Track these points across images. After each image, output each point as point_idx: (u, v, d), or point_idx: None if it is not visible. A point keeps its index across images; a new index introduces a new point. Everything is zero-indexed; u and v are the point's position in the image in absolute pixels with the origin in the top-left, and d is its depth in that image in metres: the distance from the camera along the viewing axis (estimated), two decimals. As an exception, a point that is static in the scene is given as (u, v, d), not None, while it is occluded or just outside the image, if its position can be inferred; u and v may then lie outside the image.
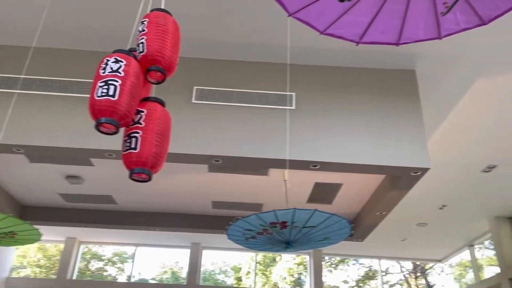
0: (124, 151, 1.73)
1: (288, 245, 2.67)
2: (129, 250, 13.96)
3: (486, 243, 10.48)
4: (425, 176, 5.94)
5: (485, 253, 11.34)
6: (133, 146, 1.71)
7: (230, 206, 7.14)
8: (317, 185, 6.30)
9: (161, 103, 1.88)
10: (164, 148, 1.79)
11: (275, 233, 2.58)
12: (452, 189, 7.47)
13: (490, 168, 6.70)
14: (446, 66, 4.78)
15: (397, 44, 2.16)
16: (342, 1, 1.93)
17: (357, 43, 2.20)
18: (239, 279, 16.42)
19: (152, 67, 1.85)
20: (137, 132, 1.74)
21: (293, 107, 4.80)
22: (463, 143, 6.16)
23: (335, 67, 5.00)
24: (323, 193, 6.51)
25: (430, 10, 1.94)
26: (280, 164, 4.44)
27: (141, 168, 1.69)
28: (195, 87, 4.88)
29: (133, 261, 10.96)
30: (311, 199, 6.72)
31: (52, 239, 10.34)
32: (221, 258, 19.12)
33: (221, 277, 19.30)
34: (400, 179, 4.94)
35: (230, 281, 18.46)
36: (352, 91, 4.88)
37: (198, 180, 6.46)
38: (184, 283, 10.16)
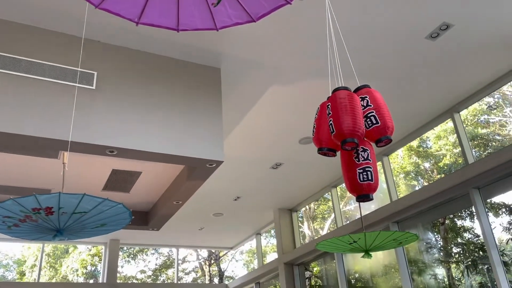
0: None
1: (57, 233, 2.44)
2: None
3: (272, 232, 11.85)
4: (222, 169, 6.35)
5: (270, 241, 12.81)
6: None
7: (8, 191, 6.23)
8: (115, 172, 6.04)
9: None
10: None
11: (40, 220, 2.31)
12: (245, 182, 8.18)
13: (277, 165, 7.58)
14: (248, 69, 5.17)
15: (177, 30, 2.18)
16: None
17: (137, 23, 2.14)
18: (22, 274, 14.62)
19: None
20: None
21: (93, 87, 4.47)
22: (257, 141, 6.80)
23: (144, 52, 4.86)
24: (120, 180, 6.28)
25: (201, 0, 2.01)
26: (66, 146, 4.06)
27: None
28: (-31, 47, 4.07)
29: None
30: (107, 187, 6.41)
31: None
32: (1, 249, 16.67)
33: (0, 272, 16.85)
34: (196, 170, 5.12)
35: (11, 276, 16.25)
36: (157, 80, 4.82)
37: (-32, 158, 5.44)
38: None
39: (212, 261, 15.78)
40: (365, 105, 2.44)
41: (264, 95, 5.64)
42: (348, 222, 8.18)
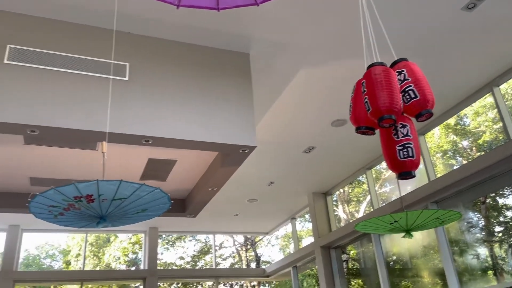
0: None
1: (101, 219, 2.52)
2: None
3: (306, 216, 11.84)
4: (255, 155, 6.35)
5: (305, 225, 12.82)
6: None
7: (51, 184, 6.49)
8: (151, 161, 6.17)
9: None
10: None
11: (83, 208, 2.39)
12: (278, 168, 8.18)
13: (310, 149, 7.52)
14: (277, 52, 5.11)
15: (217, 9, 2.17)
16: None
17: (177, 6, 2.14)
18: (68, 263, 15.28)
19: None
20: None
21: (126, 78, 4.56)
22: (288, 125, 6.76)
23: (172, 41, 4.90)
24: (157, 169, 6.41)
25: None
26: (104, 137, 4.17)
27: None
28: (9, 46, 4.22)
29: None
30: (144, 176, 6.56)
31: None
32: (48, 241, 17.47)
33: (47, 262, 17.67)
34: (229, 156, 5.15)
35: (58, 265, 17.03)
36: (188, 68, 4.86)
37: (12, 153, 5.69)
38: (-3, 271, 8.94)
39: (248, 247, 15.97)
40: (402, 79, 2.36)
41: (295, 78, 5.57)
42: (384, 204, 8.06)
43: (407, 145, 2.26)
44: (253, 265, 15.83)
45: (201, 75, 4.87)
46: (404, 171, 2.26)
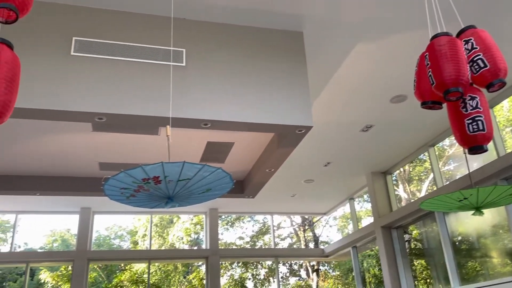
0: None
1: (169, 200, 2.65)
2: (11, 218, 12.80)
3: (365, 196, 11.65)
4: (311, 135, 6.32)
5: (364, 205, 12.63)
6: (-24, 92, 1.50)
7: (119, 168, 6.86)
8: (210, 144, 6.33)
9: (9, 46, 1.66)
10: (13, 96, 1.60)
11: (152, 189, 2.53)
12: (335, 147, 8.07)
13: (367, 127, 7.34)
14: (331, 28, 4.99)
15: None
16: None
17: None
18: (135, 243, 16.21)
19: None
20: (-19, 77, 1.52)
21: (183, 64, 4.68)
22: (345, 104, 6.62)
23: (224, 24, 4.93)
24: (215, 152, 6.57)
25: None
26: (167, 122, 4.33)
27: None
28: (74, 38, 4.46)
29: (14, 231, 10.08)
30: (204, 159, 6.75)
31: None
32: (116, 222, 18.60)
33: (116, 242, 18.86)
34: (286, 137, 5.16)
35: (126, 245, 18.12)
36: (241, 50, 4.88)
37: (82, 140, 6.07)
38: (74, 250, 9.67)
39: (306, 227, 16.03)
40: (470, 48, 2.23)
41: (351, 54, 5.43)
42: (448, 182, 7.73)
43: (476, 118, 2.14)
44: (311, 245, 15.89)
45: (255, 57, 4.88)
46: (475, 146, 2.14)
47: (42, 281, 11.55)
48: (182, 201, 2.79)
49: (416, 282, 8.99)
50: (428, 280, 9.23)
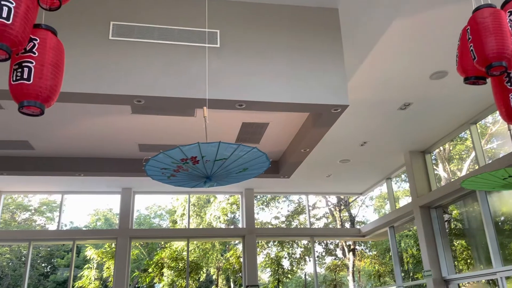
0: (15, 81, 1.59)
1: (207, 179, 2.72)
2: (58, 198, 13.45)
3: (402, 176, 11.44)
4: (347, 114, 6.24)
5: (401, 185, 12.42)
6: (25, 76, 1.58)
7: (158, 149, 7.06)
8: (245, 125, 6.37)
9: (54, 32, 1.73)
10: (58, 81, 1.68)
11: (190, 169, 2.60)
12: (372, 126, 7.93)
13: (406, 105, 7.15)
14: (367, 5, 4.87)
15: None
16: None
17: None
18: (174, 222, 16.73)
19: None
20: (30, 62, 1.61)
21: (218, 45, 4.70)
22: (382, 81, 6.46)
23: (257, 3, 4.90)
24: (250, 133, 6.62)
25: None
26: (203, 103, 4.40)
27: (33, 101, 1.57)
28: (112, 23, 4.57)
29: (60, 210, 10.63)
30: (239, 139, 6.82)
31: (-32, 191, 9.69)
32: (155, 202, 19.21)
33: (156, 221, 19.53)
34: (321, 116, 5.12)
35: (165, 224, 18.73)
36: (275, 29, 4.85)
37: (122, 122, 6.26)
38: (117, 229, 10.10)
39: (342, 207, 15.97)
40: (515, 19, 2.12)
41: (388, 31, 5.26)
42: (490, 161, 7.46)
43: (522, 93, 2.05)
44: (347, 225, 15.85)
45: (289, 36, 4.84)
46: None
47: (88, 257, 12.15)
48: (220, 181, 2.85)
49: (456, 262, 8.83)
50: (468, 261, 9.04)
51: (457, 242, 9.09)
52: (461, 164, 10.01)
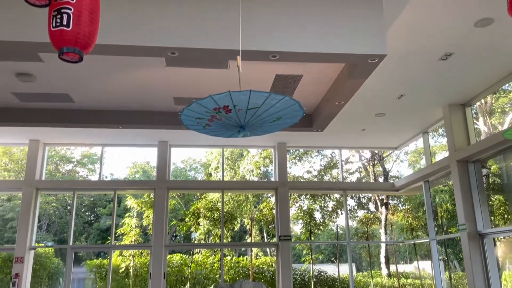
0: (54, 27, 1.62)
1: (241, 128, 2.75)
2: (98, 151, 13.99)
3: (440, 130, 11.13)
4: (384, 65, 6.03)
5: (439, 140, 12.13)
6: (65, 23, 1.61)
7: (185, 102, 7.15)
8: (278, 77, 6.31)
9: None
10: (95, 28, 1.70)
11: (224, 118, 2.64)
12: (410, 78, 7.65)
13: (447, 55, 6.82)
14: None
15: None
16: None
17: None
18: (209, 175, 17.16)
19: None
20: (69, 8, 1.63)
21: (250, -5, 4.59)
22: (422, 30, 6.15)
23: None
24: (283, 85, 6.55)
25: None
26: (236, 54, 4.36)
27: (72, 48, 1.61)
28: (145, -27, 4.52)
29: (101, 162, 11.09)
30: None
31: (14, 142, 10.21)
32: (190, 156, 19.68)
33: (191, 174, 20.08)
34: (357, 67, 5.00)
35: (200, 176, 19.25)
36: (311, -25, 4.66)
37: (157, 76, 6.33)
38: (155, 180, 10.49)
39: (376, 162, 15.83)
40: None
41: (431, -25, 4.96)
42: (536, 114, 7.11)
43: None
44: (380, 180, 15.77)
45: (325, -18, 4.64)
46: None
47: (128, 207, 12.77)
48: (254, 130, 2.88)
49: (492, 217, 8.70)
50: (505, 216, 8.89)
51: (495, 197, 8.91)
52: (503, 117, 9.62)
